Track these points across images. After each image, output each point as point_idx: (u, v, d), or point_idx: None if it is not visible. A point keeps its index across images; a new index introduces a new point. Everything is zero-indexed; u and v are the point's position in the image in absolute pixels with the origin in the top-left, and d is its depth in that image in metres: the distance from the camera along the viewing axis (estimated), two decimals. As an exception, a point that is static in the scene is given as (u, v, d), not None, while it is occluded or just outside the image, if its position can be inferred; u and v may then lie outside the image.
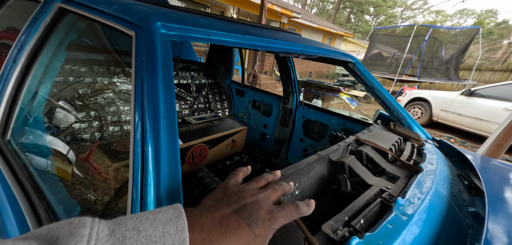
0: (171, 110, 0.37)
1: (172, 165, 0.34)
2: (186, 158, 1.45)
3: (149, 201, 0.30)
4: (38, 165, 0.67)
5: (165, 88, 0.37)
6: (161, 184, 0.31)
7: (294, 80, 2.02)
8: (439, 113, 4.57)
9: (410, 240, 0.44)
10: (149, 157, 0.32)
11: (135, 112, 0.35)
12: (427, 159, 0.80)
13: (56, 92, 0.98)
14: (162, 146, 0.33)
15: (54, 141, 0.84)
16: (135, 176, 0.32)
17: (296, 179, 0.65)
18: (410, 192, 0.58)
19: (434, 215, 0.52)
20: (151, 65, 0.38)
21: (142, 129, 0.34)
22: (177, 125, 0.37)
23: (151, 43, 0.40)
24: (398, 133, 1.11)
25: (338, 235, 0.44)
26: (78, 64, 1.25)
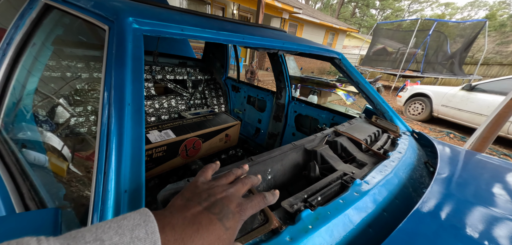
0: (139, 99, 0.43)
1: (136, 146, 0.40)
2: (180, 151, 1.53)
3: (110, 177, 0.36)
4: (37, 160, 0.75)
5: (133, 79, 0.43)
6: (123, 163, 0.38)
7: (286, 75, 2.06)
8: (440, 108, 4.54)
9: (357, 212, 0.50)
10: (113, 140, 0.38)
11: (103, 99, 0.41)
12: (397, 148, 0.85)
13: (44, 86, 1.06)
14: (126, 130, 0.40)
15: (45, 133, 0.92)
16: (100, 156, 0.38)
17: (268, 165, 0.72)
18: (370, 175, 0.64)
19: (385, 194, 0.58)
20: (120, 57, 0.44)
21: (108, 115, 0.40)
22: (144, 112, 0.43)
23: (122, 36, 0.46)
24: (378, 125, 1.16)
25: (294, 209, 0.51)
26: (66, 60, 1.33)
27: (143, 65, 0.46)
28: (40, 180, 0.63)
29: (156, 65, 2.04)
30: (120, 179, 0.38)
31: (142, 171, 0.41)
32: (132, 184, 0.39)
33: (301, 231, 0.43)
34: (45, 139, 0.93)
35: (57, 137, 0.99)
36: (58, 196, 0.62)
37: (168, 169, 1.52)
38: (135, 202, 0.38)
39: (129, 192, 0.37)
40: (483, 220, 0.51)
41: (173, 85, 2.15)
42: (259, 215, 0.47)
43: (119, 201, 0.36)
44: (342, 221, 0.47)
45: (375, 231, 0.47)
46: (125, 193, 0.37)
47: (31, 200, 0.52)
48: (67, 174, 0.75)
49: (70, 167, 0.83)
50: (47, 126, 1.05)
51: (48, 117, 1.11)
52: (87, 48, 1.49)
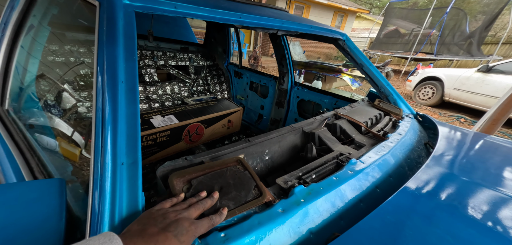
0: (132, 77, 0.44)
1: (131, 123, 0.42)
2: (183, 136, 1.57)
3: (107, 150, 0.39)
4: (48, 144, 0.80)
5: (126, 57, 0.44)
6: (118, 137, 0.40)
7: (289, 60, 2.02)
8: (452, 92, 4.33)
9: (349, 188, 0.51)
10: (108, 117, 0.40)
11: (97, 78, 0.43)
12: (397, 131, 0.84)
13: (45, 69, 1.09)
14: (121, 107, 0.41)
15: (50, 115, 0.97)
16: (96, 131, 0.40)
17: (266, 147, 0.73)
18: (366, 155, 0.64)
19: (379, 172, 0.58)
20: (111, 34, 0.44)
21: (102, 93, 0.41)
22: (138, 90, 0.44)
23: (112, 13, 0.46)
24: (380, 108, 1.13)
25: (288, 185, 0.52)
26: (64, 42, 1.34)
27: (135, 43, 0.46)
28: (49, 156, 0.67)
29: (158, 50, 2.03)
30: (116, 152, 0.41)
31: (138, 146, 0.43)
32: (129, 158, 0.41)
33: (293, 204, 0.45)
34: (51, 121, 0.98)
35: (62, 118, 1.04)
36: (67, 171, 0.67)
37: (172, 153, 1.57)
38: (132, 174, 0.40)
39: (126, 165, 0.40)
40: (479, 197, 0.51)
41: (175, 72, 2.15)
42: (253, 190, 0.49)
43: (116, 173, 0.39)
44: (334, 196, 0.48)
45: (366, 205, 0.49)
46: (122, 165, 0.39)
47: (40, 174, 0.56)
48: (79, 160, 0.80)
49: (73, 145, 0.88)
50: (51, 109, 1.10)
51: (51, 101, 1.16)
52: (83, 29, 1.50)
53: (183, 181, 0.48)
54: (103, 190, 0.37)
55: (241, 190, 0.48)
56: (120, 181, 0.38)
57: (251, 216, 0.42)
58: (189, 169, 0.50)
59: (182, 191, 0.46)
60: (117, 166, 0.39)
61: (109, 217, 0.36)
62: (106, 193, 0.37)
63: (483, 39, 6.93)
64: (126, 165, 0.40)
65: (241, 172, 0.53)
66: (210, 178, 0.49)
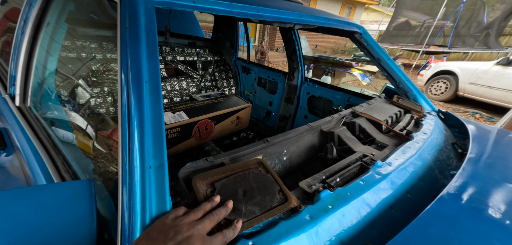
0: (155, 76, 0.42)
1: (156, 124, 0.40)
2: (193, 132, 1.57)
3: (135, 154, 0.37)
4: (65, 136, 0.81)
5: (149, 55, 0.42)
6: (145, 140, 0.38)
7: (300, 55, 1.96)
8: (467, 87, 4.14)
9: (379, 193, 0.48)
10: (134, 118, 0.39)
11: (121, 78, 0.41)
12: (422, 129, 0.80)
13: (63, 66, 1.09)
14: (146, 108, 0.40)
15: (69, 112, 0.98)
16: (123, 134, 0.39)
17: (284, 147, 0.71)
18: (392, 157, 0.61)
19: (408, 175, 0.55)
20: (134, 31, 0.42)
21: (128, 93, 0.40)
22: (160, 89, 0.42)
23: (134, 9, 0.44)
24: (399, 105, 1.08)
25: (312, 189, 0.50)
26: (80, 39, 1.34)
27: (156, 40, 0.45)
28: (71, 154, 0.68)
29: (167, 45, 2.02)
30: (144, 155, 0.39)
31: (164, 147, 0.41)
32: (156, 160, 0.40)
33: (321, 211, 0.43)
34: (70, 118, 0.99)
35: (80, 116, 1.05)
36: (88, 169, 0.67)
37: (182, 150, 1.58)
38: (160, 177, 0.39)
39: (153, 168, 0.39)
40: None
41: (183, 67, 2.14)
42: (278, 194, 0.47)
43: (144, 176, 0.37)
44: (363, 201, 0.46)
45: (398, 212, 0.46)
46: (150, 168, 0.38)
47: (66, 172, 0.57)
48: (92, 150, 0.81)
49: (95, 144, 0.89)
50: (70, 106, 1.11)
51: (70, 98, 1.17)
52: (101, 26, 1.49)
53: (206, 184, 0.46)
54: (133, 193, 0.36)
55: (265, 194, 0.46)
56: (149, 185, 0.37)
57: (277, 223, 0.40)
58: (211, 171, 0.48)
59: (206, 194, 0.44)
60: (145, 169, 0.38)
61: (140, 219, 0.35)
62: (136, 197, 0.36)
63: (502, 29, 6.53)
64: (153, 168, 0.38)
65: (263, 175, 0.51)
66: (233, 181, 0.48)
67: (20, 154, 0.66)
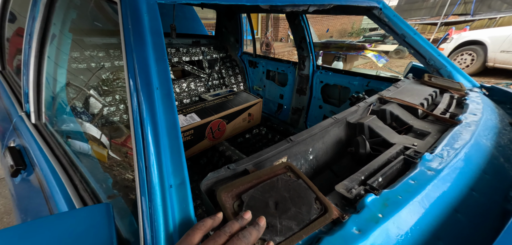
0: (166, 81, 0.37)
1: (173, 135, 0.35)
2: (206, 134, 1.54)
3: (153, 172, 0.33)
4: (81, 148, 0.80)
5: (157, 57, 0.37)
6: (162, 155, 0.33)
7: (310, 42, 1.84)
8: (498, 56, 3.73)
9: (436, 194, 0.40)
10: (148, 128, 0.34)
11: (129, 86, 0.36)
12: (468, 110, 0.68)
13: (73, 78, 1.08)
14: (159, 118, 0.35)
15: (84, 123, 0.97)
16: (138, 148, 0.34)
17: (309, 145, 0.64)
18: (441, 146, 0.52)
19: (469, 168, 0.46)
20: (138, 32, 0.37)
21: (138, 101, 0.35)
22: (173, 95, 0.37)
23: (136, 8, 0.39)
24: (433, 85, 0.96)
25: (353, 194, 0.43)
26: (87, 46, 1.33)
27: (163, 40, 0.39)
28: (88, 169, 0.66)
29: (171, 47, 1.98)
30: (163, 173, 0.35)
31: (183, 161, 0.37)
32: (176, 178, 0.35)
33: (370, 221, 0.36)
34: (85, 129, 0.98)
35: (94, 126, 1.04)
36: (107, 185, 0.65)
37: (197, 152, 1.56)
38: (182, 196, 0.34)
39: (174, 187, 0.34)
40: None
41: (190, 67, 2.11)
42: (315, 204, 0.41)
43: (165, 197, 0.33)
44: (419, 206, 0.38)
45: (466, 216, 0.38)
46: (171, 188, 0.33)
47: (85, 191, 0.55)
48: (108, 160, 0.80)
49: (110, 154, 0.88)
50: (84, 117, 1.11)
51: (83, 109, 1.17)
52: (107, 32, 1.48)
53: (232, 196, 0.41)
54: (155, 219, 0.31)
55: (300, 205, 0.40)
56: (171, 206, 0.32)
57: (320, 240, 0.34)
58: (236, 182, 0.43)
59: (233, 209, 0.39)
60: (165, 190, 0.33)
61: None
62: (159, 222, 0.31)
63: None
64: (174, 186, 0.34)
65: (294, 181, 0.44)
66: (262, 191, 0.42)
67: (38, 173, 0.66)
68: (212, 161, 1.57)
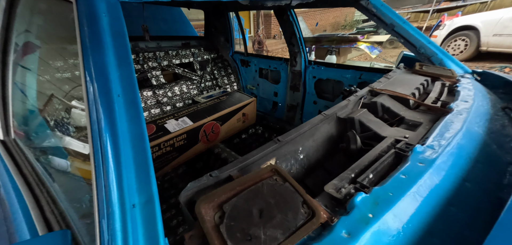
0: (130, 87, 0.34)
1: (138, 147, 0.32)
2: (200, 137, 1.51)
3: (112, 190, 0.30)
4: (59, 164, 0.75)
5: (119, 62, 0.34)
6: (123, 170, 0.30)
7: (300, 37, 1.81)
8: (491, 40, 3.74)
9: (428, 188, 0.39)
10: (107, 141, 0.31)
11: (87, 94, 0.33)
12: (460, 97, 0.67)
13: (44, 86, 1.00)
14: (121, 129, 0.32)
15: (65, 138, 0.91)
16: (96, 163, 0.31)
17: (299, 144, 0.62)
18: (432, 137, 0.50)
19: (461, 158, 0.44)
20: (95, 34, 0.34)
21: (96, 111, 0.32)
22: (139, 102, 0.34)
23: (93, 8, 0.35)
24: (424, 73, 0.94)
25: (342, 193, 0.41)
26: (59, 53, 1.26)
27: (127, 43, 0.36)
28: (63, 188, 0.63)
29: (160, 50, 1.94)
30: (123, 190, 0.32)
31: (151, 176, 0.34)
32: (141, 196, 0.32)
33: (360, 223, 0.34)
34: (62, 143, 0.92)
35: (72, 138, 0.98)
36: (84, 203, 0.61)
37: (192, 156, 1.53)
38: (148, 216, 0.31)
39: (139, 205, 0.31)
40: None
41: (181, 70, 2.07)
42: (302, 208, 0.38)
43: (126, 219, 0.30)
44: (411, 202, 0.36)
45: (460, 210, 0.36)
46: (134, 207, 0.30)
47: (51, 214, 0.51)
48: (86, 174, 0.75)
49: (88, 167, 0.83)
50: (60, 129, 1.04)
51: (60, 120, 1.10)
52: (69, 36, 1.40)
53: (213, 207, 0.39)
54: (114, 242, 0.28)
55: (286, 211, 0.38)
56: (133, 229, 0.29)
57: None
58: (218, 191, 0.41)
59: (214, 221, 0.37)
60: (126, 210, 0.30)
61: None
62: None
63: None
64: (138, 205, 0.31)
65: (280, 185, 0.42)
66: (245, 199, 0.40)
67: (1, 194, 0.62)
68: (208, 164, 1.55)
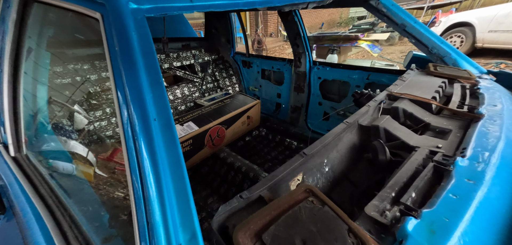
0: (164, 109, 0.30)
1: (178, 177, 0.28)
2: (206, 142, 1.46)
3: (159, 232, 0.26)
4: (65, 169, 0.69)
5: (151, 81, 0.29)
6: (167, 205, 0.26)
7: (304, 37, 1.78)
8: (486, 36, 3.80)
9: (486, 211, 0.35)
10: (148, 178, 0.27)
11: (122, 119, 0.29)
12: (486, 100, 0.65)
13: (57, 96, 0.96)
14: (161, 159, 0.27)
15: (72, 144, 0.86)
16: (137, 201, 0.27)
17: (323, 156, 0.58)
18: (471, 147, 0.47)
19: (509, 171, 0.41)
20: (127, 53, 0.30)
21: (133, 136, 0.28)
22: (174, 125, 0.30)
23: (120, 24, 0.31)
24: (440, 75, 0.92)
25: (388, 217, 0.38)
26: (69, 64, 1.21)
27: (157, 61, 0.32)
28: (80, 208, 0.58)
29: (160, 52, 1.87)
30: (169, 231, 0.28)
31: (192, 208, 0.30)
32: (185, 233, 0.28)
33: (418, 256, 0.30)
34: (73, 154, 0.87)
35: (84, 147, 0.93)
36: (103, 224, 0.57)
37: (198, 161, 1.48)
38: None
39: (184, 244, 0.27)
40: None
41: (182, 72, 2.01)
42: (349, 237, 0.35)
43: None
44: (471, 228, 0.33)
45: (523, 237, 0.33)
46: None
47: (75, 240, 0.46)
48: (103, 190, 0.71)
49: (105, 181, 0.79)
50: (74, 140, 0.99)
51: (71, 130, 1.04)
52: (88, 42, 1.35)
53: (251, 236, 0.35)
54: None
55: (332, 241, 0.34)
56: None
57: (365, 288, 0.28)
58: (253, 217, 0.37)
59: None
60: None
61: None
62: None
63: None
64: (184, 244, 0.27)
65: (319, 209, 0.38)
66: (284, 226, 0.36)
67: (20, 218, 0.57)
68: (213, 169, 1.50)
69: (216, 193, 1.41)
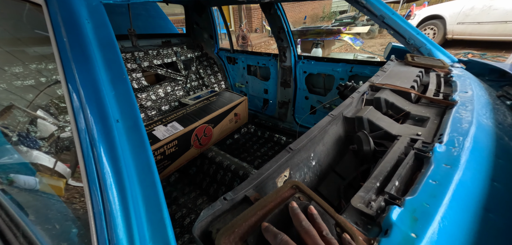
0: (130, 108, 0.26)
1: (148, 184, 0.25)
2: (192, 142, 1.41)
3: (120, 240, 0.22)
4: (27, 184, 0.61)
5: (112, 77, 0.25)
6: (133, 217, 0.23)
7: (288, 31, 1.77)
8: (455, 28, 4.10)
9: (462, 193, 0.37)
10: (108, 182, 0.23)
11: (75, 118, 0.24)
12: (458, 88, 0.68)
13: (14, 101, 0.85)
14: (124, 165, 0.24)
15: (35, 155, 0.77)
16: (96, 212, 0.23)
17: (310, 150, 0.57)
18: (447, 133, 0.49)
19: (482, 155, 0.44)
20: (78, 45, 0.25)
21: (90, 141, 0.23)
22: (142, 127, 0.26)
23: (69, 11, 0.26)
24: (417, 65, 0.96)
25: (373, 208, 0.38)
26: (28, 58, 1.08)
27: (119, 54, 0.27)
28: (40, 223, 0.51)
29: (139, 50, 1.75)
30: (134, 242, 0.24)
31: (165, 218, 0.26)
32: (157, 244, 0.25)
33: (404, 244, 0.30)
34: (33, 160, 0.77)
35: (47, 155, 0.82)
36: (71, 240, 0.51)
37: (185, 162, 1.43)
38: None
39: None
40: None
41: (163, 71, 1.90)
42: (336, 230, 0.34)
43: None
44: (451, 213, 0.34)
45: (497, 215, 0.35)
46: None
47: None
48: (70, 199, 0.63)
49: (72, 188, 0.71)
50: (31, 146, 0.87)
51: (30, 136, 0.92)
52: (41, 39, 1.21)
53: (235, 240, 0.32)
54: None
55: (319, 238, 0.33)
56: None
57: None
58: (238, 220, 0.34)
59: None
60: None
61: None
62: None
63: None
64: None
65: (306, 205, 0.37)
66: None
67: None
68: (202, 169, 1.46)
69: (205, 193, 1.36)
